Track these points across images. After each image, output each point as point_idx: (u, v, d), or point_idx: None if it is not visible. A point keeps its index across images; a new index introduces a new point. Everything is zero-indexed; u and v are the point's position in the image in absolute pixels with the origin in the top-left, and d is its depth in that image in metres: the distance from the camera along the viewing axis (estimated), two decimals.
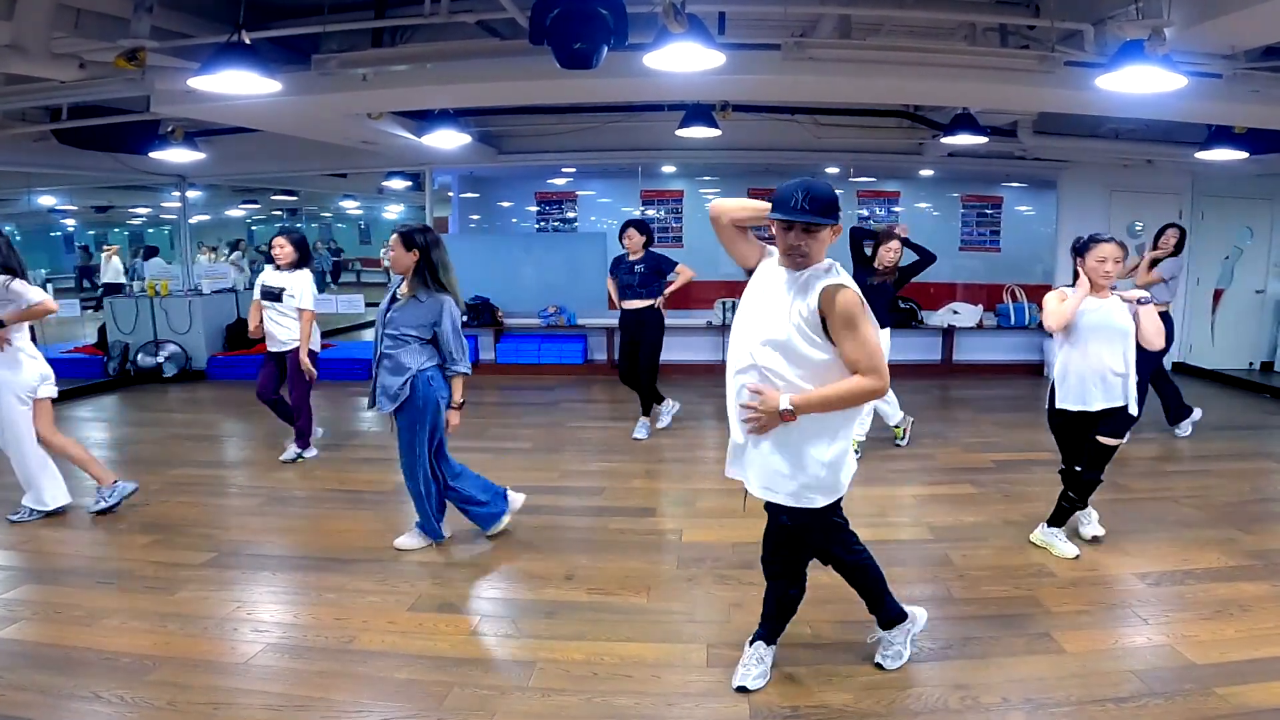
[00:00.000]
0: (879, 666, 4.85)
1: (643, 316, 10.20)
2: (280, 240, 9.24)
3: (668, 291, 10.31)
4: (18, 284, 7.01)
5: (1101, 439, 6.37)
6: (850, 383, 4.09)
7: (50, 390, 7.42)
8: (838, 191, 4.16)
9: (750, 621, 5.08)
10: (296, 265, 9.17)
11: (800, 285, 4.15)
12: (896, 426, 9.79)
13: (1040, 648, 5.17)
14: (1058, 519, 6.68)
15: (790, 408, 4.09)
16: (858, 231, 9.52)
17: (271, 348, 9.19)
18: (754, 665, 4.75)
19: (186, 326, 15.13)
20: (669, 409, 10.80)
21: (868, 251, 9.16)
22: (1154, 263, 10.04)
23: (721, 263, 14.86)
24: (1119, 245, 6.31)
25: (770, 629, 4.87)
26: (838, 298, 4.01)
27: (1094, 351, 6.25)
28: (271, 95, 7.93)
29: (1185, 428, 10.47)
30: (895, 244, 8.99)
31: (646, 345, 10.29)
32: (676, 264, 10.36)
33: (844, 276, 4.17)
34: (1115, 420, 6.33)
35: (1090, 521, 6.84)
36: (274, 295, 9.00)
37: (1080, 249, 6.45)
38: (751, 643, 4.85)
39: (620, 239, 10.41)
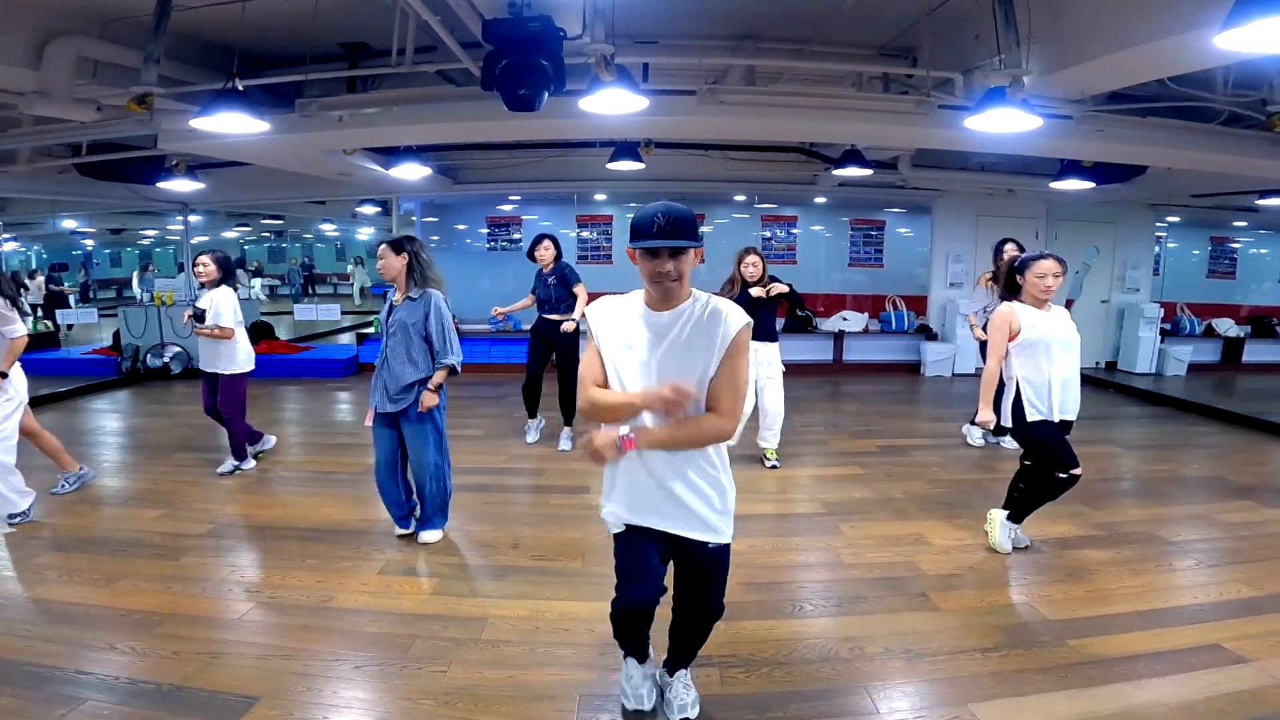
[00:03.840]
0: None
1: (557, 329, 9.28)
2: (203, 259, 8.28)
3: (575, 317, 9.20)
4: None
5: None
6: (708, 421, 3.43)
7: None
8: (743, 217, 3.94)
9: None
10: (218, 283, 8.22)
11: (699, 319, 3.44)
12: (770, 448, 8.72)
13: (918, 605, 5.24)
14: (1020, 513, 6.19)
15: (632, 436, 3.43)
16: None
17: (203, 366, 8.37)
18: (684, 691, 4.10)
19: (189, 331, 14.91)
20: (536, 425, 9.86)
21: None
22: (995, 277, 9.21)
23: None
24: (1058, 261, 5.74)
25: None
26: (744, 333, 3.40)
27: (1062, 361, 5.75)
28: (261, 134, 7.88)
29: (973, 432, 9.75)
30: (754, 258, 8.13)
31: (568, 358, 9.29)
32: (579, 279, 9.41)
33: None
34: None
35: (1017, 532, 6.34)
36: (198, 316, 8.14)
37: (1020, 267, 5.85)
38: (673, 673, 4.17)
39: (533, 254, 9.39)
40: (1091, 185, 11.82)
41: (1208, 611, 5.15)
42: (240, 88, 7.05)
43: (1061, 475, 5.86)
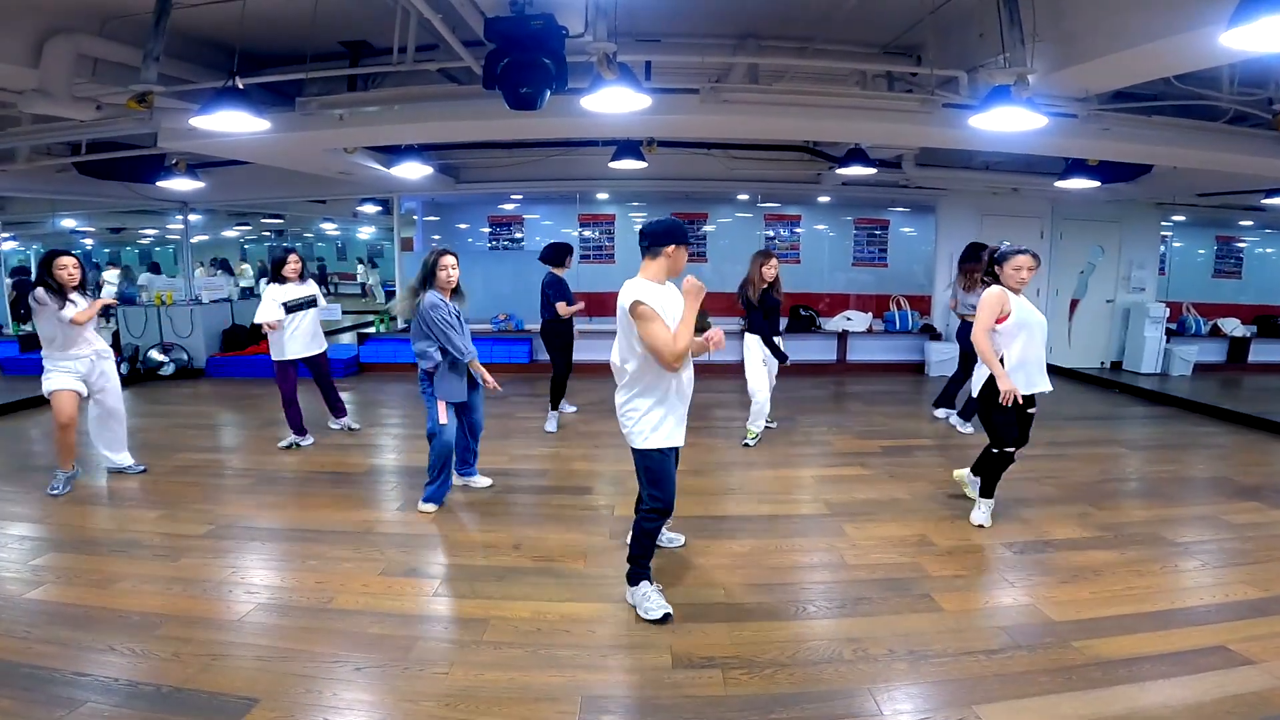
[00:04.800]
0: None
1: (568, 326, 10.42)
2: (293, 257, 9.36)
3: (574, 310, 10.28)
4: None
5: (1031, 411, 6.59)
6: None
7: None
8: (747, 216, 4.31)
9: (670, 584, 5.31)
10: (305, 277, 9.47)
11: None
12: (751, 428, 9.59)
13: (922, 607, 5.23)
14: (989, 490, 6.77)
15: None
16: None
17: (299, 353, 9.30)
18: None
19: (189, 331, 15.00)
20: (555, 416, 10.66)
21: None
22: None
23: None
24: (1033, 255, 6.41)
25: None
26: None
27: (1034, 341, 6.41)
28: (261, 133, 7.87)
29: (943, 415, 10.73)
30: (775, 261, 9.00)
31: (569, 350, 10.50)
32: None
33: None
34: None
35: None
36: (312, 303, 9.34)
37: (999, 259, 6.52)
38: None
39: (565, 261, 10.28)
40: (1097, 184, 11.81)
41: (1213, 613, 5.14)
42: (240, 86, 7.04)
43: (997, 451, 6.63)
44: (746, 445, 9.34)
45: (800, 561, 5.94)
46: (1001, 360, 6.42)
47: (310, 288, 9.37)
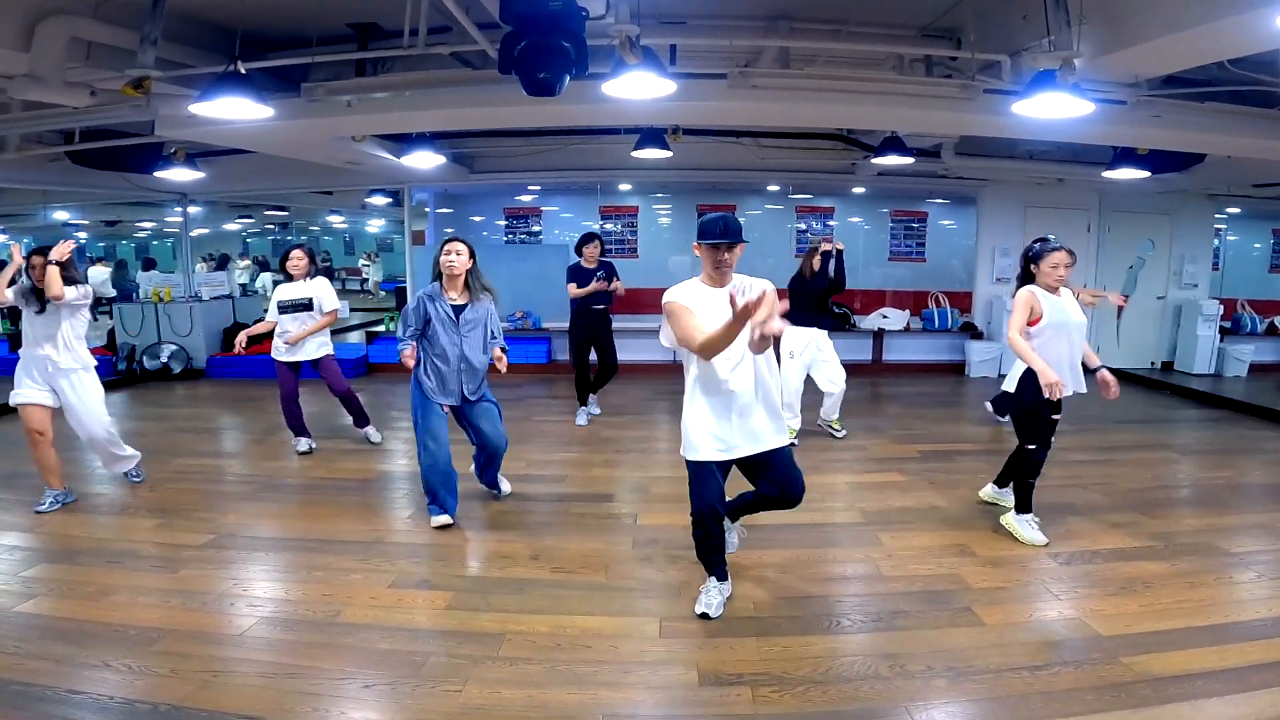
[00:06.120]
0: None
1: (603, 318, 10.70)
2: (296, 253, 9.31)
3: (613, 286, 10.70)
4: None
5: (1057, 417, 6.53)
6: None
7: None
8: (777, 208, 4.31)
9: (695, 596, 5.30)
10: (314, 274, 9.34)
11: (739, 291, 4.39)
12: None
13: (962, 621, 5.21)
14: (1025, 503, 6.66)
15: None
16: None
17: (296, 357, 9.23)
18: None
19: (188, 329, 15.11)
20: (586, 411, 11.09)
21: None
22: None
23: (670, 272, 14.92)
24: (1069, 252, 6.42)
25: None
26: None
27: (1068, 343, 6.40)
28: (265, 120, 7.89)
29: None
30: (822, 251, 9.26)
31: (609, 344, 10.87)
32: (615, 269, 10.86)
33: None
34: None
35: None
36: (306, 305, 9.20)
37: (1035, 256, 6.53)
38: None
39: (580, 250, 10.68)
40: (1146, 174, 11.75)
41: (1270, 627, 5.09)
42: (243, 71, 7.05)
43: (1027, 448, 6.57)
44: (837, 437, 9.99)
45: (834, 573, 5.93)
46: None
47: (313, 287, 9.24)
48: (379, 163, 12.71)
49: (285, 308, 9.02)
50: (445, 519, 6.87)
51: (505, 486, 7.73)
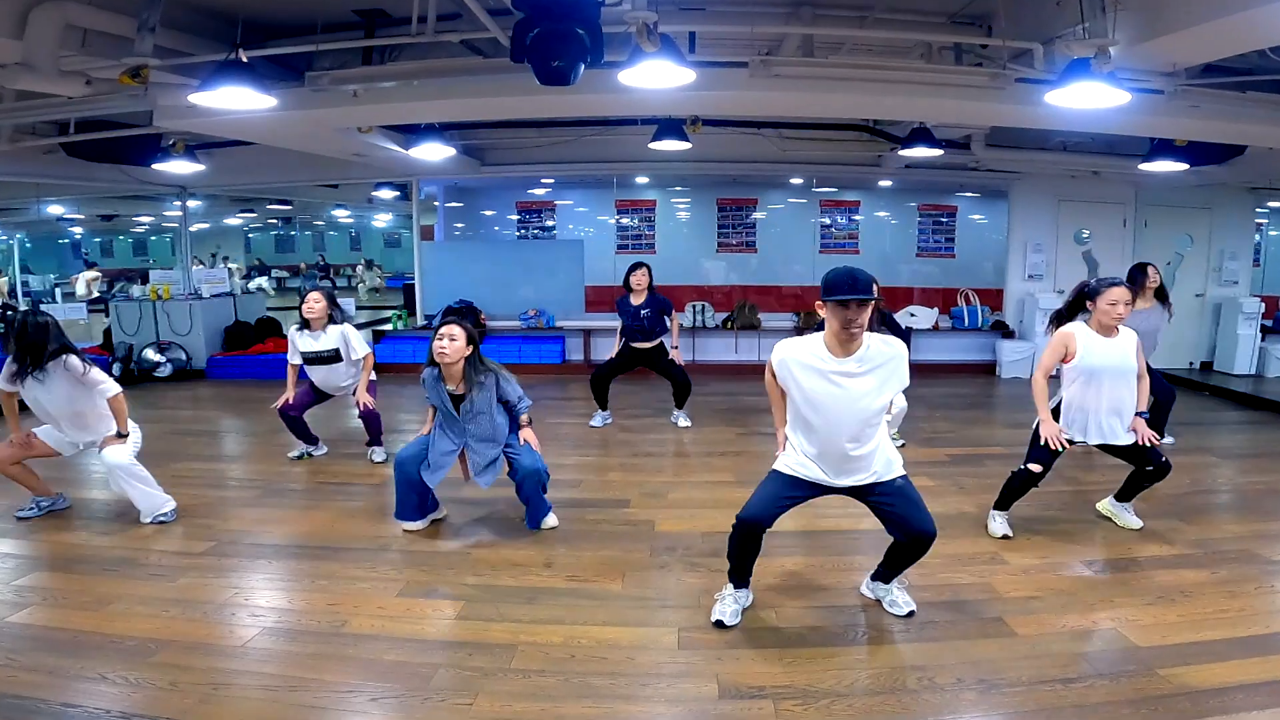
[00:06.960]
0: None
1: (652, 352, 10.52)
2: (313, 295, 8.94)
3: (676, 343, 10.67)
4: (95, 372, 7.00)
5: (1148, 442, 6.56)
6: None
7: None
8: (800, 202, 4.27)
9: (712, 605, 5.28)
10: (335, 319, 8.96)
11: (874, 359, 4.81)
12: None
13: (993, 631, 5.18)
14: (1004, 503, 6.90)
15: None
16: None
17: (328, 389, 9.20)
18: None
19: (187, 328, 15.14)
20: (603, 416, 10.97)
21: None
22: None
23: (693, 270, 14.93)
24: (1128, 289, 6.37)
25: None
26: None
27: (1114, 390, 6.43)
28: (267, 110, 7.92)
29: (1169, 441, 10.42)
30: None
31: (669, 366, 10.62)
32: (672, 305, 10.69)
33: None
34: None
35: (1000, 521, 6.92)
36: (333, 357, 8.94)
37: (1091, 293, 6.48)
38: None
39: (629, 280, 10.50)
40: (1185, 167, 11.67)
41: None
42: (244, 59, 7.08)
43: (1024, 469, 6.77)
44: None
45: (859, 581, 5.89)
46: (1057, 407, 6.74)
47: (334, 338, 8.91)
48: (386, 155, 12.75)
49: (310, 359, 8.92)
50: (413, 524, 6.93)
51: (550, 520, 7.11)
